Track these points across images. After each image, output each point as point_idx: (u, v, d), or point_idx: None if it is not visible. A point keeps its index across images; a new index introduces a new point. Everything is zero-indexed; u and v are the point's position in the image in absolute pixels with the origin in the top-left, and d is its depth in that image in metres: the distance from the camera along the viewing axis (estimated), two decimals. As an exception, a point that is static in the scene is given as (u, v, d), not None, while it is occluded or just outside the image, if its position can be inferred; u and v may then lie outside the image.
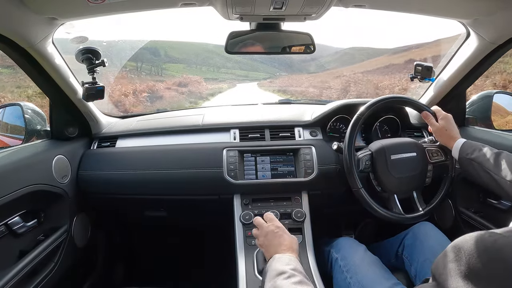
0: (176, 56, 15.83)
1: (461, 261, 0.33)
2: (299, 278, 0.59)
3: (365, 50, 18.70)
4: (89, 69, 1.02)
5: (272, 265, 0.66)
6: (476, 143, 0.88)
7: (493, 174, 0.80)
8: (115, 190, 1.14)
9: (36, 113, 1.19)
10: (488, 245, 0.32)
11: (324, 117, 1.25)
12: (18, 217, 0.90)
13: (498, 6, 0.83)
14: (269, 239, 0.76)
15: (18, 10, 0.75)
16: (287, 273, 0.61)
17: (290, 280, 0.58)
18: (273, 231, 0.77)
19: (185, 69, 15.38)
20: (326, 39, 12.09)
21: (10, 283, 0.80)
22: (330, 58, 18.77)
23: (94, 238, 1.27)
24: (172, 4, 0.85)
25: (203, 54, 18.03)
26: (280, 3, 0.79)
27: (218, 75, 16.32)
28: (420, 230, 0.97)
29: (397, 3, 0.90)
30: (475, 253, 0.32)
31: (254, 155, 1.16)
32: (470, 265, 0.32)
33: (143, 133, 1.27)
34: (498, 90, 1.29)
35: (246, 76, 17.36)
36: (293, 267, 0.63)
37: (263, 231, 0.79)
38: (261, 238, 0.79)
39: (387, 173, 0.97)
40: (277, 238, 0.75)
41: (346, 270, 0.87)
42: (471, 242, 0.33)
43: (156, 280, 1.54)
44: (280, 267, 0.63)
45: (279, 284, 0.59)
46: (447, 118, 0.96)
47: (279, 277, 0.60)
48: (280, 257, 0.68)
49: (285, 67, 17.02)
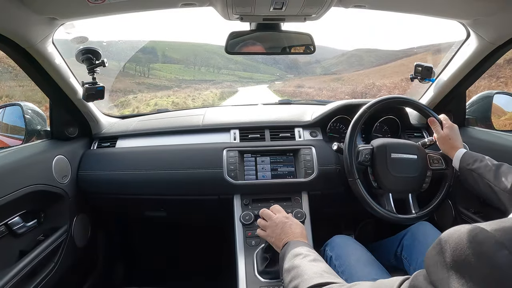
0: (175, 56, 15.37)
1: (446, 253, 0.34)
2: (313, 257, 0.66)
3: (374, 52, 18.42)
4: (89, 69, 1.02)
5: (289, 249, 0.71)
6: (477, 154, 0.88)
7: (493, 186, 0.80)
8: (115, 190, 1.14)
9: (36, 113, 1.19)
10: (470, 238, 0.32)
11: (324, 117, 1.25)
12: (18, 217, 0.90)
13: (498, 6, 0.83)
14: (279, 229, 0.80)
15: (18, 10, 0.75)
16: (302, 254, 0.67)
17: (306, 259, 0.65)
18: (283, 221, 0.81)
19: (181, 70, 14.80)
20: (328, 41, 12.04)
21: (10, 283, 0.80)
22: (335, 60, 18.51)
23: (94, 238, 1.27)
24: (172, 4, 0.86)
25: (203, 54, 17.45)
26: (280, 3, 0.79)
27: (218, 77, 15.86)
28: (419, 230, 0.97)
29: (397, 3, 0.90)
30: (458, 246, 0.33)
31: (254, 155, 1.16)
32: (454, 257, 0.33)
33: (143, 133, 1.27)
34: (498, 90, 1.29)
35: (251, 78, 16.85)
36: (308, 249, 0.69)
37: (273, 222, 0.82)
38: (269, 230, 0.82)
39: (385, 170, 0.97)
40: (287, 228, 0.80)
41: (341, 271, 0.86)
42: (455, 235, 0.34)
43: (156, 280, 1.54)
44: (296, 250, 0.69)
45: (297, 263, 0.64)
46: (452, 127, 0.96)
47: (296, 258, 0.66)
48: (294, 242, 0.73)
49: (291, 69, 16.73)
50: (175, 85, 12.30)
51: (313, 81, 15.01)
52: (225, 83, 14.38)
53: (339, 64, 17.85)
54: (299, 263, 0.64)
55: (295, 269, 0.63)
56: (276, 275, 0.89)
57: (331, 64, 17.82)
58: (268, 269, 0.90)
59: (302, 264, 0.63)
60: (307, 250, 0.69)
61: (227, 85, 13.84)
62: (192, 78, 14.00)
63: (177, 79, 12.72)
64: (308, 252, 0.67)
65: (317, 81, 14.96)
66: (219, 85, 13.82)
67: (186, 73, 14.23)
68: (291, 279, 0.62)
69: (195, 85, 12.75)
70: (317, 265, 0.62)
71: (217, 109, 1.49)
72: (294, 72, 16.27)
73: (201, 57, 17.14)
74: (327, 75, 16.06)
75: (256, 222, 1.05)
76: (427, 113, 1.03)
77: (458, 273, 0.32)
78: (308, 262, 0.63)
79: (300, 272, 0.61)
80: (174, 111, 1.54)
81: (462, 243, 0.33)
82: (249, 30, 0.96)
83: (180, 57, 15.79)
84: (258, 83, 15.14)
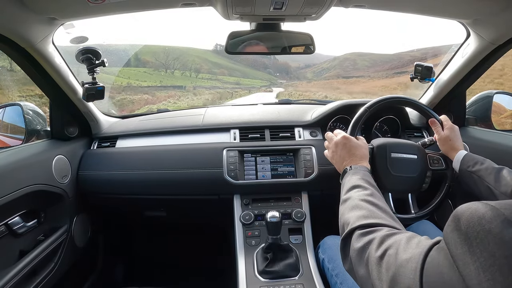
0: (148, 60, 12.80)
1: (460, 231, 0.35)
2: (370, 191, 0.67)
3: (367, 56, 17.99)
4: (89, 69, 1.02)
5: (348, 178, 0.74)
6: (478, 157, 0.88)
7: (493, 189, 0.80)
8: (115, 190, 1.14)
9: (36, 113, 1.19)
10: (481, 215, 0.34)
11: (324, 117, 1.25)
12: (18, 217, 0.90)
13: (498, 6, 0.83)
14: (340, 150, 0.84)
15: (18, 10, 0.75)
16: (361, 186, 0.69)
17: (364, 192, 0.66)
18: (343, 142, 0.85)
19: (145, 73, 11.86)
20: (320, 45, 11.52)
21: (10, 283, 0.80)
22: (327, 64, 18.02)
23: (94, 238, 1.27)
24: (172, 4, 0.86)
25: (183, 57, 15.03)
26: (280, 3, 0.79)
27: (195, 82, 12.80)
28: (419, 229, 0.97)
29: (397, 3, 0.90)
30: (470, 223, 0.34)
31: (254, 155, 1.16)
32: (468, 234, 0.34)
33: (143, 133, 1.27)
34: (498, 90, 1.28)
35: (237, 83, 14.78)
36: (367, 181, 0.71)
37: (333, 143, 0.87)
38: (331, 151, 0.88)
39: (385, 169, 0.97)
40: (347, 149, 0.83)
41: (335, 274, 0.86)
42: (468, 212, 0.35)
43: (156, 280, 1.54)
44: (355, 181, 0.71)
45: (354, 195, 0.67)
46: (453, 128, 0.96)
47: (353, 190, 0.69)
48: (355, 171, 0.76)
49: (282, 74, 15.92)
50: (132, 92, 9.01)
51: (309, 86, 14.37)
52: (201, 89, 11.63)
53: (331, 68, 17.34)
54: (355, 196, 0.66)
55: (348, 201, 0.66)
56: (276, 275, 0.89)
57: (322, 69, 17.40)
58: (268, 268, 0.90)
59: (358, 197, 0.65)
60: (366, 182, 0.70)
61: (207, 92, 11.25)
62: (157, 84, 11.29)
63: (130, 87, 9.59)
64: (366, 185, 0.69)
65: (316, 87, 14.35)
66: (194, 92, 10.94)
67: (150, 78, 11.38)
68: (343, 212, 0.65)
69: (160, 92, 9.89)
70: (370, 203, 0.63)
71: (217, 108, 1.49)
72: (286, 77, 15.56)
73: (179, 59, 14.03)
74: (325, 80, 15.47)
75: (256, 223, 1.05)
76: (428, 113, 1.03)
77: (471, 248, 0.33)
78: (365, 196, 0.65)
79: (352, 206, 0.64)
80: (174, 111, 1.54)
81: (473, 221, 0.34)
82: (249, 30, 0.96)
83: (153, 60, 13.28)
84: (246, 89, 13.23)
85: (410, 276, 0.41)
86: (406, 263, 0.43)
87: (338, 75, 16.36)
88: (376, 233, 0.53)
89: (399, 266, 0.44)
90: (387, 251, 0.48)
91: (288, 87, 14.08)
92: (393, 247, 0.47)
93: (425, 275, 0.39)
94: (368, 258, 0.51)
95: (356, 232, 0.57)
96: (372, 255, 0.50)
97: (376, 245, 0.50)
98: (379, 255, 0.48)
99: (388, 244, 0.49)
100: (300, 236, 1.04)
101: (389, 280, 0.44)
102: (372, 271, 0.49)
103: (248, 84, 14.38)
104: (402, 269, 0.43)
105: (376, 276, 0.47)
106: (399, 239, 0.49)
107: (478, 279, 0.32)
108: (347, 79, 15.52)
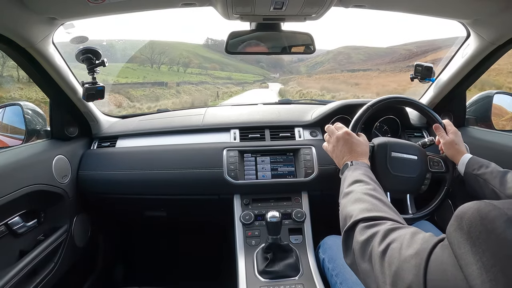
0: (135, 55, 12.35)
1: (463, 230, 0.35)
2: (373, 186, 0.67)
3: (362, 49, 17.96)
4: (89, 69, 1.02)
5: (349, 173, 0.74)
6: (483, 160, 0.88)
7: (498, 192, 0.79)
8: (115, 190, 1.14)
9: (36, 113, 1.19)
10: (483, 215, 0.34)
11: (324, 117, 1.25)
12: (18, 217, 0.90)
13: (498, 6, 0.83)
14: (341, 145, 0.83)
15: (18, 10, 0.75)
16: (363, 181, 0.69)
17: (367, 187, 0.67)
18: (345, 137, 0.84)
19: (128, 69, 11.39)
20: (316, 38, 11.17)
21: (10, 283, 0.80)
22: (320, 58, 17.93)
23: (94, 238, 1.27)
24: (172, 4, 0.86)
25: (171, 52, 14.74)
26: (280, 3, 0.79)
27: (183, 77, 12.80)
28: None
29: (397, 3, 0.90)
30: (473, 223, 0.34)
31: (254, 155, 1.16)
32: (470, 233, 0.34)
33: (143, 133, 1.27)
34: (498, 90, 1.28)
35: (229, 78, 14.53)
36: (369, 177, 0.71)
37: (334, 137, 0.85)
38: (331, 146, 0.87)
39: (385, 168, 0.97)
40: (348, 145, 0.82)
41: (335, 274, 0.86)
42: (470, 211, 0.35)
43: (156, 280, 1.54)
44: (357, 176, 0.71)
45: (357, 189, 0.66)
46: (457, 133, 0.96)
47: (356, 184, 0.69)
48: (356, 166, 0.76)
49: (275, 68, 15.79)
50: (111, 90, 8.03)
51: (307, 81, 14.14)
52: (188, 86, 10.89)
53: (325, 62, 17.19)
54: (357, 189, 0.66)
55: (351, 194, 0.66)
56: (276, 275, 0.89)
57: (316, 63, 17.25)
58: (268, 268, 0.90)
59: (361, 191, 0.65)
60: (368, 177, 0.70)
61: (194, 89, 10.45)
62: (140, 80, 10.67)
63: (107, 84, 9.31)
64: (369, 181, 0.69)
65: (312, 82, 14.10)
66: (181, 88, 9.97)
67: (133, 74, 10.85)
68: (345, 205, 0.65)
69: (136, 90, 9.26)
70: (373, 197, 0.64)
71: (217, 108, 1.49)
72: (279, 71, 15.35)
73: (166, 53, 13.40)
74: (321, 74, 15.28)
75: (256, 222, 1.05)
76: (429, 114, 1.02)
77: (473, 248, 0.33)
78: (368, 190, 0.65)
79: (355, 199, 0.64)
80: (174, 111, 1.54)
81: (476, 220, 0.34)
82: (249, 30, 0.96)
83: (140, 55, 12.76)
84: (238, 84, 12.79)
85: (413, 272, 0.41)
86: (410, 259, 0.42)
87: (341, 69, 16.26)
88: (380, 226, 0.53)
89: (402, 261, 0.43)
90: (391, 245, 0.48)
91: (289, 81, 13.83)
92: (397, 242, 0.47)
93: (429, 272, 0.39)
94: (372, 251, 0.50)
95: (359, 224, 0.57)
96: (375, 248, 0.50)
97: (380, 239, 0.50)
98: (382, 248, 0.48)
99: (392, 238, 0.49)
100: (300, 236, 1.04)
101: (392, 275, 0.44)
102: (375, 264, 0.49)
103: (240, 79, 14.11)
104: (406, 265, 0.43)
105: (379, 269, 0.47)
106: (403, 233, 0.48)
107: (481, 279, 0.31)
108: (353, 73, 15.42)
